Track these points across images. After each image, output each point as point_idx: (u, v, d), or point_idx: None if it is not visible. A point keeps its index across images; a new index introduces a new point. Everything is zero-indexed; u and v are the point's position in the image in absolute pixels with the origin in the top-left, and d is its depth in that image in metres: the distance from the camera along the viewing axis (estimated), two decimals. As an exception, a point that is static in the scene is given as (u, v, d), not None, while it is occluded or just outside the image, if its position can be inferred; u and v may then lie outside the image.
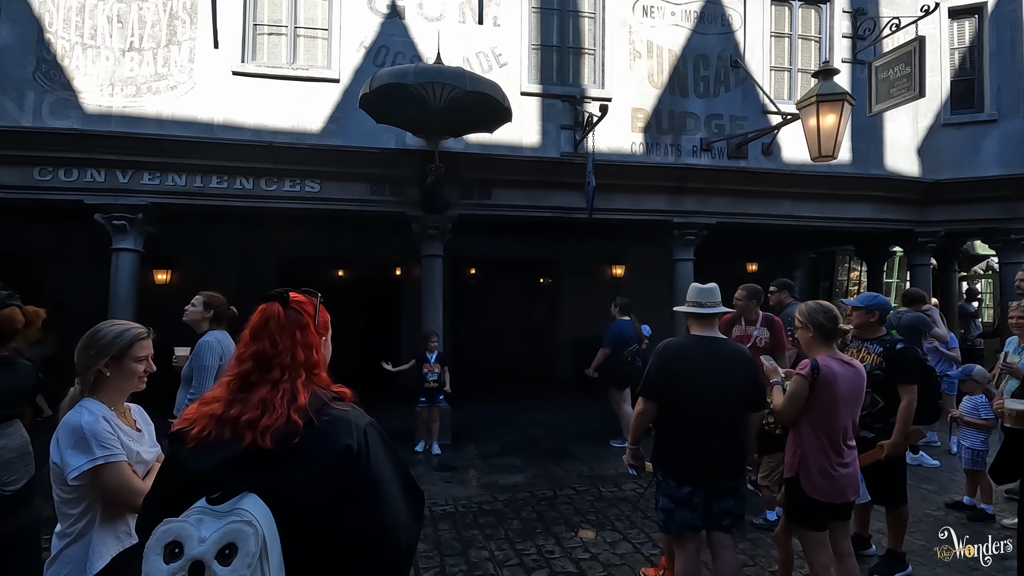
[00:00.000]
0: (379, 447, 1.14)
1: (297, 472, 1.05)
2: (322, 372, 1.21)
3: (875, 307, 3.31)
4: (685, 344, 2.76)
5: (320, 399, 1.14)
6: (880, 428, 3.16)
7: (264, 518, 0.98)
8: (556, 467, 5.39)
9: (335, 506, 1.05)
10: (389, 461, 1.15)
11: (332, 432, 1.09)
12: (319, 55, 6.24)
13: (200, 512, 0.98)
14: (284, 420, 1.06)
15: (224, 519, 0.96)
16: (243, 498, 1.00)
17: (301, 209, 6.22)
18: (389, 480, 1.12)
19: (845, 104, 5.28)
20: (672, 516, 2.66)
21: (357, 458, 1.08)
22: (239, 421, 1.07)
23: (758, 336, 4.56)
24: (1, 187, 5.56)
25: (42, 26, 5.66)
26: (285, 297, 1.21)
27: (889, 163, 7.44)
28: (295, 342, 1.17)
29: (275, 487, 1.02)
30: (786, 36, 7.31)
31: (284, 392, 1.11)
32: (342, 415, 1.13)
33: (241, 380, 1.14)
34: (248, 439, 1.05)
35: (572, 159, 6.41)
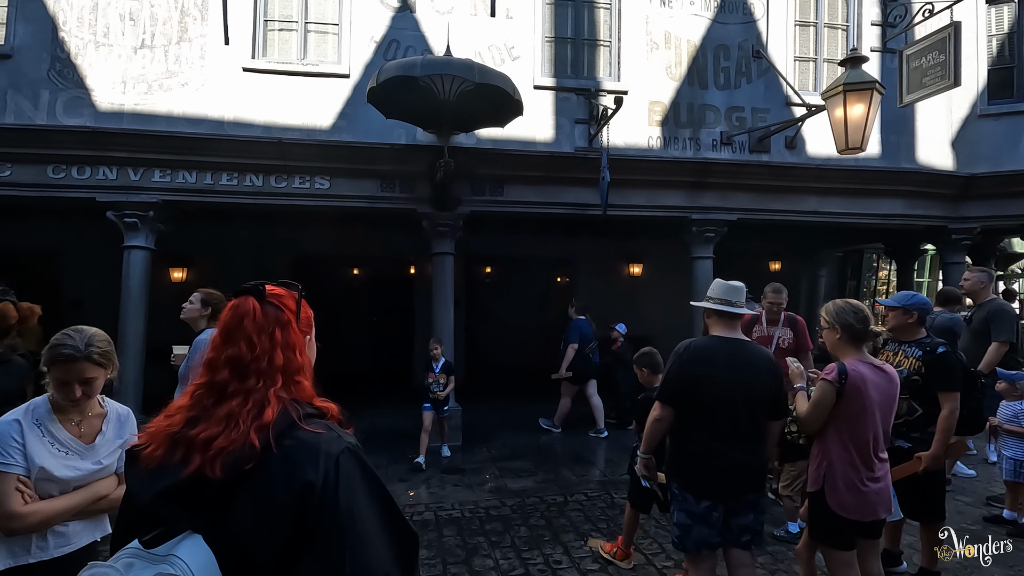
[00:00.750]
0: (355, 480, 0.91)
1: (245, 510, 0.86)
2: (304, 380, 1.02)
3: (913, 307, 3.05)
4: (707, 346, 2.56)
5: (289, 416, 0.94)
6: (917, 438, 2.91)
7: (203, 567, 0.81)
8: (568, 471, 5.22)
9: (292, 555, 0.85)
10: (369, 498, 0.92)
11: (291, 462, 0.88)
12: (329, 50, 6.17)
13: (131, 555, 0.82)
14: (243, 441, 0.88)
15: (154, 567, 0.80)
16: (183, 540, 0.83)
17: (311, 206, 6.14)
18: (367, 524, 0.89)
19: (874, 93, 5.00)
20: (688, 532, 2.48)
21: (321, 499, 0.87)
22: (196, 440, 0.89)
23: (781, 337, 4.35)
24: (17, 185, 5.60)
25: (56, 25, 5.68)
26: (261, 290, 1.03)
27: (921, 156, 7.09)
28: (274, 343, 0.98)
29: (221, 527, 0.85)
30: (811, 25, 7.02)
31: (253, 404, 0.92)
32: (310, 440, 0.92)
33: (214, 390, 0.96)
34: (196, 463, 0.86)
35: (586, 154, 6.23)
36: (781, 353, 4.28)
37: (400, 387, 8.63)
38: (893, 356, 3.08)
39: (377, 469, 3.22)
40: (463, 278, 9.78)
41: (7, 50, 5.58)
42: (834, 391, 2.34)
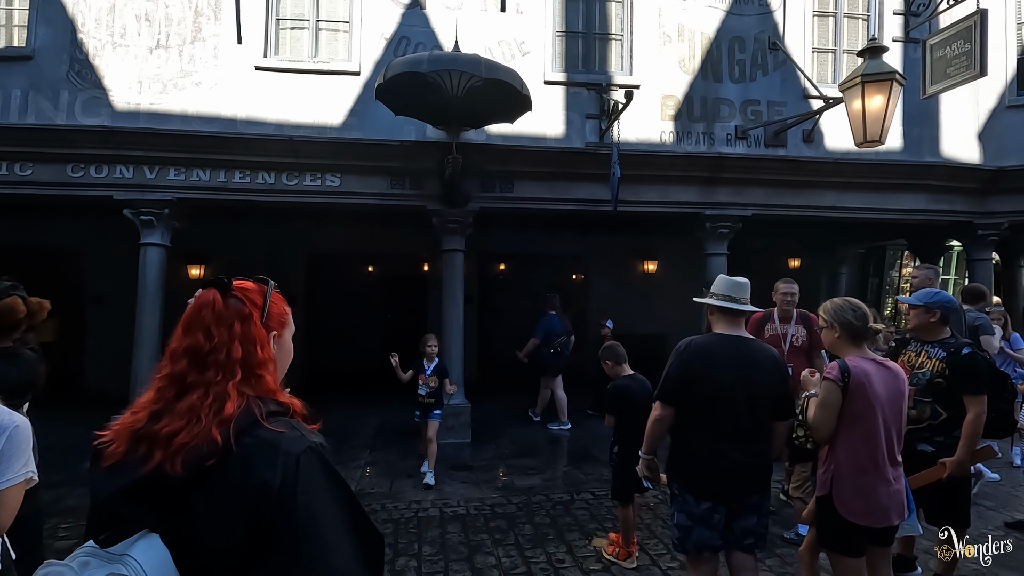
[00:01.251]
0: (317, 482, 0.89)
1: (202, 510, 0.84)
2: (267, 375, 0.99)
3: (936, 305, 2.91)
4: (709, 343, 2.49)
5: (252, 413, 0.91)
6: (941, 442, 2.78)
7: (157, 568, 0.79)
8: (576, 470, 5.18)
9: (250, 556, 0.84)
10: (332, 500, 0.90)
11: (250, 461, 0.86)
12: (340, 48, 6.20)
13: (88, 554, 0.81)
14: (205, 437, 0.86)
15: (109, 567, 0.78)
16: (139, 540, 0.82)
17: (322, 203, 6.19)
18: (328, 526, 0.87)
19: (894, 84, 4.84)
20: (689, 534, 2.42)
21: (278, 500, 0.84)
22: (159, 435, 0.87)
23: (794, 335, 4.25)
24: (38, 184, 5.74)
25: (75, 26, 5.80)
26: (225, 284, 1.01)
27: (946, 149, 6.87)
28: (233, 335, 0.97)
29: (178, 527, 0.84)
30: (830, 15, 6.83)
31: (214, 397, 0.91)
32: (270, 438, 0.89)
33: (175, 382, 0.94)
34: (157, 459, 0.85)
35: (597, 149, 6.16)
36: (795, 351, 4.19)
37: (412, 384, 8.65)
38: (915, 356, 2.96)
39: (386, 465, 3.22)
40: (475, 275, 9.78)
41: (28, 52, 5.72)
42: (839, 389, 2.26)
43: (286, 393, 1.03)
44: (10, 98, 5.65)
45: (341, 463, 5.30)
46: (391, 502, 4.33)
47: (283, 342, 1.09)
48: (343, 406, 7.65)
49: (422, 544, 3.62)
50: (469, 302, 8.55)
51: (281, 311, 1.09)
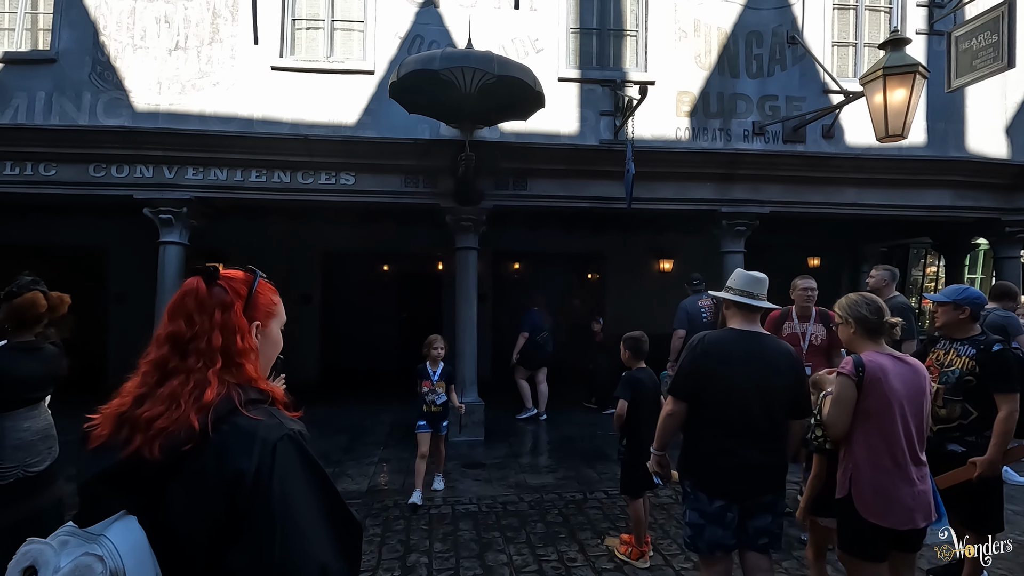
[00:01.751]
0: (293, 469, 0.90)
1: (178, 494, 0.85)
2: (247, 364, 1.00)
3: (965, 302, 2.84)
4: (723, 338, 2.45)
5: (231, 401, 0.92)
6: (972, 442, 2.71)
7: (133, 549, 0.81)
8: (589, 468, 5.14)
9: (222, 543, 0.84)
10: (308, 487, 0.91)
11: (225, 449, 0.87)
12: (355, 47, 6.24)
13: (68, 533, 0.83)
14: (184, 423, 0.87)
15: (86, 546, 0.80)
16: (116, 521, 0.83)
17: (336, 202, 6.24)
18: (303, 513, 0.88)
19: (917, 77, 4.72)
20: (701, 533, 2.38)
21: (253, 486, 0.85)
22: (140, 419, 0.89)
23: (813, 334, 4.16)
24: (61, 184, 5.87)
25: (97, 29, 5.92)
26: (211, 272, 1.02)
27: (971, 144, 6.68)
28: (214, 323, 0.98)
29: (155, 510, 0.85)
30: (851, 8, 6.69)
31: (194, 384, 0.92)
32: (247, 426, 0.90)
33: (157, 368, 0.96)
34: (137, 443, 0.86)
35: (612, 146, 6.11)
36: (814, 350, 4.10)
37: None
38: (944, 355, 2.88)
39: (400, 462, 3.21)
40: (489, 273, 9.77)
41: (52, 55, 5.85)
42: (853, 384, 2.19)
43: (268, 381, 1.03)
44: (35, 100, 5.79)
45: (355, 460, 5.33)
46: (403, 499, 4.33)
47: (269, 332, 1.10)
48: (357, 403, 7.69)
49: (433, 541, 3.62)
50: (483, 301, 8.54)
51: (268, 301, 1.10)
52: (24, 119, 5.74)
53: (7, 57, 5.82)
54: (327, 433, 6.30)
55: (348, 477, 4.86)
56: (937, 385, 2.83)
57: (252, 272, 1.09)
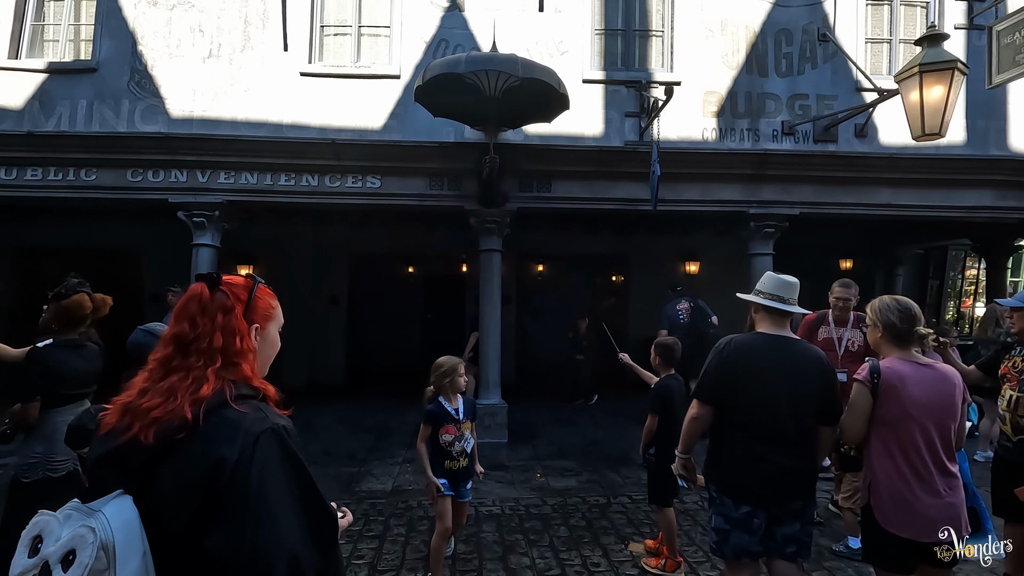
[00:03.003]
0: (272, 461, 0.97)
1: (167, 476, 0.93)
2: (244, 364, 1.08)
3: None
4: (751, 342, 2.40)
5: (222, 395, 1.00)
6: None
7: (124, 525, 0.88)
8: (613, 472, 5.10)
9: (201, 525, 0.91)
10: (286, 479, 0.98)
11: (210, 438, 0.95)
12: (381, 52, 6.32)
13: (72, 508, 0.91)
14: (179, 414, 0.95)
15: (84, 520, 0.88)
16: (113, 499, 0.91)
17: (363, 204, 6.33)
18: (278, 502, 0.94)
19: (955, 73, 4.56)
20: (727, 539, 2.34)
21: (232, 474, 0.92)
22: (139, 409, 0.97)
23: (850, 339, 4.05)
24: (101, 188, 6.08)
25: (135, 39, 6.12)
26: (214, 278, 1.11)
27: (1014, 142, 6.43)
28: (216, 325, 1.06)
29: (145, 490, 0.93)
30: (885, 3, 6.51)
31: (193, 380, 1.01)
32: (233, 418, 0.98)
33: (161, 365, 1.05)
34: (135, 430, 0.95)
35: (636, 148, 6.06)
36: (850, 356, 3.99)
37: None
38: (1021, 361, 2.80)
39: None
40: (513, 275, 9.79)
41: (94, 64, 6.08)
42: (867, 391, 2.14)
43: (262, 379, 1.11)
44: (77, 108, 6.01)
45: (380, 459, 5.40)
46: (427, 499, 4.36)
47: (267, 334, 1.18)
48: (383, 404, 7.78)
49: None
50: (507, 303, 8.56)
51: (266, 305, 1.18)
52: (67, 126, 5.97)
53: (52, 67, 6.07)
54: (354, 431, 6.40)
55: (373, 477, 4.92)
56: (1016, 394, 2.74)
57: (252, 279, 1.17)
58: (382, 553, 3.49)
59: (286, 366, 8.96)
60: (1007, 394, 2.84)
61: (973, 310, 10.88)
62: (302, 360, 9.17)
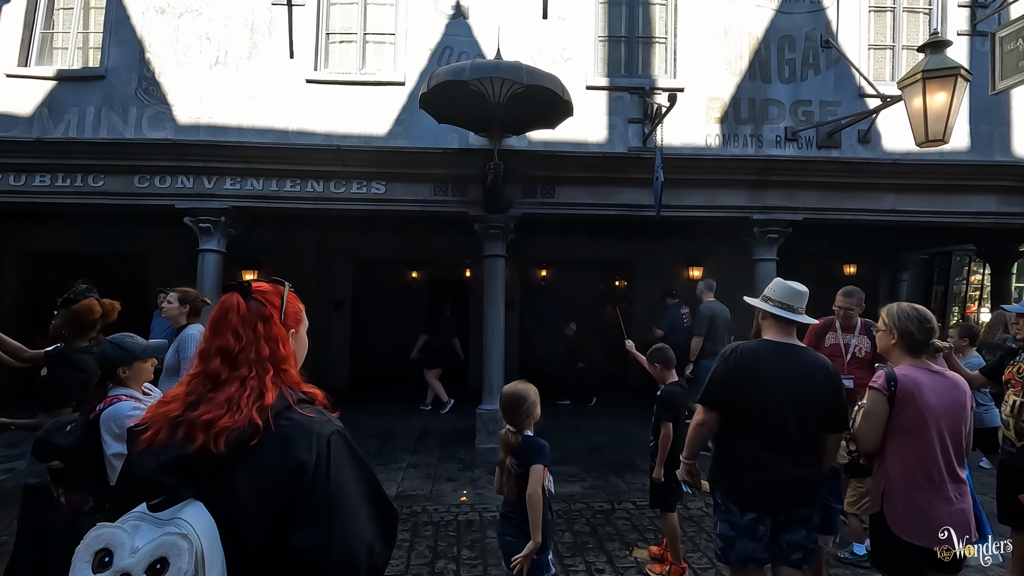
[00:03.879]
0: (344, 460, 1.02)
1: (244, 482, 0.95)
2: (291, 369, 1.11)
3: None
4: (757, 349, 2.41)
5: (285, 400, 1.04)
6: None
7: (206, 531, 0.89)
8: (617, 478, 5.10)
9: (284, 524, 0.94)
10: (356, 476, 1.04)
11: (287, 441, 0.98)
12: (386, 59, 6.37)
13: (138, 518, 0.90)
14: (246, 421, 0.97)
15: (161, 528, 0.87)
16: (186, 506, 0.91)
17: (368, 210, 6.37)
18: (353, 498, 1.01)
19: (958, 80, 4.57)
20: (732, 545, 2.34)
21: (314, 474, 0.97)
22: (197, 421, 0.97)
23: (857, 345, 4.04)
24: (108, 194, 6.13)
25: (143, 47, 6.19)
26: (246, 287, 1.12)
27: (1018, 148, 6.43)
28: (258, 335, 1.07)
29: (220, 496, 0.94)
30: (888, 10, 6.53)
31: (251, 390, 1.02)
32: (304, 422, 1.02)
33: (208, 378, 1.05)
34: (200, 440, 0.95)
35: (640, 154, 6.08)
36: (857, 362, 3.98)
37: (454, 388, 8.76)
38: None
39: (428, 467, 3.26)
40: (517, 280, 9.81)
41: (102, 71, 6.14)
42: (884, 399, 2.14)
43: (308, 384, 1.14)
44: (86, 115, 6.07)
45: (384, 464, 5.40)
46: (431, 504, 4.37)
47: (300, 337, 1.20)
48: (387, 409, 7.79)
49: (461, 547, 3.64)
50: (511, 307, 8.59)
51: (296, 309, 1.20)
52: (75, 133, 6.03)
53: (61, 75, 6.14)
54: (358, 437, 6.29)
55: (377, 482, 4.92)
56: (1020, 399, 2.74)
57: (281, 283, 1.18)
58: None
59: (290, 371, 8.99)
60: (1011, 399, 2.85)
61: (978, 316, 10.84)
62: (306, 365, 9.13)
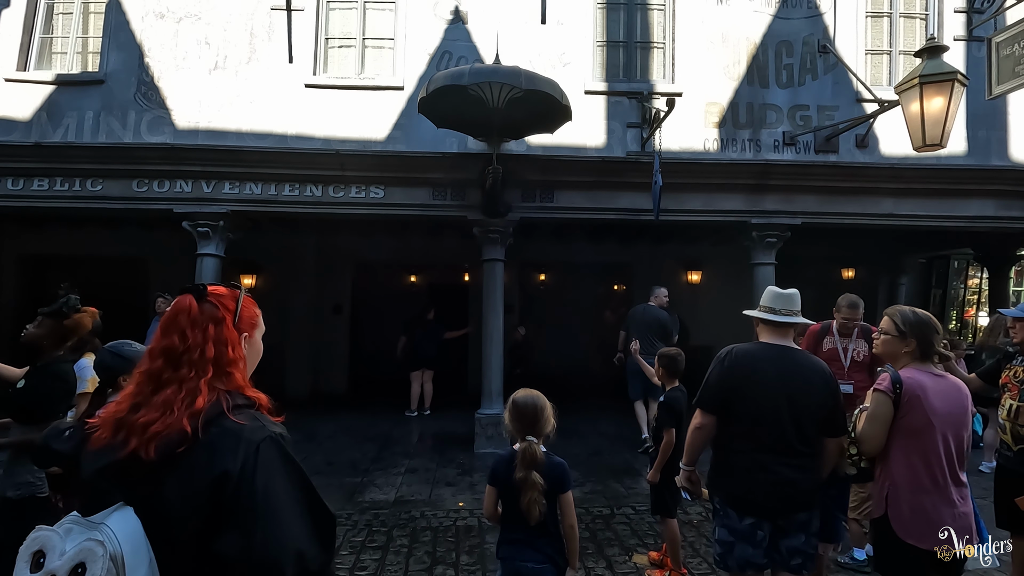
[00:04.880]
0: (274, 467, 1.01)
1: (171, 488, 0.96)
2: (236, 372, 1.11)
3: None
4: (751, 352, 2.43)
5: (219, 405, 1.03)
6: None
7: (129, 537, 0.90)
8: (617, 483, 5.08)
9: (210, 531, 0.95)
10: (288, 482, 1.02)
11: (213, 450, 0.98)
12: (385, 64, 6.38)
13: (72, 521, 0.93)
14: (177, 427, 0.98)
15: (87, 533, 0.90)
16: (115, 511, 0.93)
17: (367, 214, 6.38)
18: (282, 505, 0.99)
19: (955, 85, 4.60)
20: (731, 551, 2.33)
21: (238, 482, 0.96)
22: (135, 424, 0.99)
23: (855, 350, 4.03)
24: (107, 198, 6.13)
25: (142, 52, 6.20)
26: (201, 290, 1.13)
27: (1015, 152, 6.45)
28: (207, 337, 1.08)
29: (150, 502, 0.95)
30: (885, 15, 6.56)
31: (187, 392, 1.03)
32: (233, 429, 1.01)
33: (151, 377, 1.06)
34: (132, 445, 0.97)
35: (639, 158, 6.09)
36: (856, 366, 3.98)
37: (453, 392, 8.75)
38: (1022, 371, 2.83)
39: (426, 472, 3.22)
40: (516, 285, 9.81)
41: (101, 76, 6.15)
42: (890, 402, 2.14)
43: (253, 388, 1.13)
44: (84, 119, 6.08)
45: (383, 469, 5.38)
46: (430, 510, 4.36)
47: (254, 342, 1.21)
48: (385, 413, 7.77)
49: (460, 553, 3.62)
50: (510, 311, 8.58)
51: (252, 314, 1.20)
52: (74, 137, 6.03)
53: (60, 79, 6.14)
54: (357, 441, 6.39)
55: (376, 487, 4.91)
56: (1017, 403, 2.76)
57: (237, 288, 1.19)
58: (385, 564, 3.47)
59: (289, 375, 8.98)
60: (1007, 403, 2.86)
61: (976, 319, 10.86)
62: (305, 369, 9.18)
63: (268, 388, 1.16)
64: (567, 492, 2.22)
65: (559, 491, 2.20)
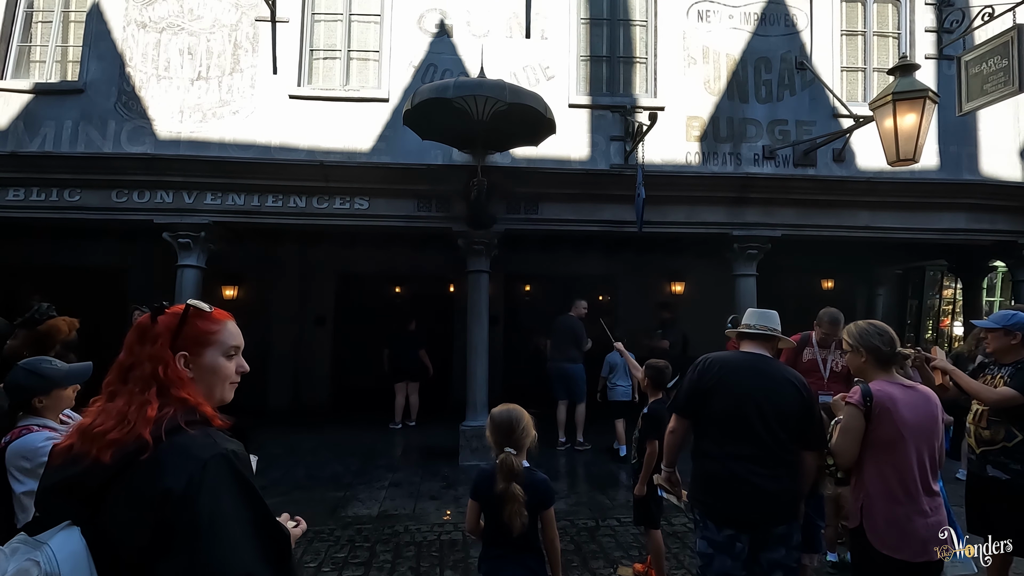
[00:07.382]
0: (222, 485, 0.98)
1: (115, 506, 0.94)
2: (181, 391, 1.07)
3: (1016, 327, 2.85)
4: (724, 358, 2.50)
5: (173, 421, 1.01)
6: (1018, 470, 2.71)
7: (69, 557, 0.88)
8: (602, 495, 5.08)
9: (155, 553, 0.91)
10: (237, 501, 0.99)
11: (158, 466, 0.96)
12: (370, 76, 6.40)
13: (20, 541, 0.92)
14: (136, 435, 0.98)
15: (29, 553, 0.88)
16: (60, 531, 0.91)
17: (351, 226, 6.35)
18: (229, 524, 0.96)
19: (927, 102, 4.74)
20: (711, 563, 2.35)
21: (181, 501, 0.93)
22: (93, 432, 0.99)
23: (835, 360, 4.10)
24: (85, 208, 6.03)
25: (124, 61, 6.14)
26: (157, 308, 1.15)
27: (985, 167, 6.65)
28: (144, 354, 1.09)
29: (96, 522, 0.94)
30: (859, 34, 6.76)
31: (137, 404, 1.03)
32: (181, 444, 0.99)
33: (107, 391, 1.09)
34: (92, 454, 0.96)
35: (622, 171, 6.16)
36: (835, 377, 4.05)
37: (437, 404, 8.69)
38: (992, 379, 2.91)
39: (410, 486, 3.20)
40: (501, 296, 9.80)
41: (80, 85, 6.07)
42: (861, 414, 2.18)
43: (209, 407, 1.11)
44: (63, 128, 5.99)
45: (366, 483, 5.31)
46: (414, 524, 4.31)
47: (202, 362, 1.15)
48: (368, 425, 7.69)
49: (444, 568, 3.58)
50: (495, 323, 8.56)
51: (199, 332, 1.15)
52: (51, 147, 5.94)
53: (38, 88, 6.05)
54: (339, 455, 6.30)
55: (359, 501, 4.84)
56: (982, 407, 2.83)
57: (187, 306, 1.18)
58: (368, 580, 3.42)
59: (271, 387, 8.85)
60: (975, 407, 2.97)
61: (951, 329, 11.10)
62: (287, 381, 9.06)
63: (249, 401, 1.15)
64: (549, 508, 2.22)
65: (541, 508, 2.19)
